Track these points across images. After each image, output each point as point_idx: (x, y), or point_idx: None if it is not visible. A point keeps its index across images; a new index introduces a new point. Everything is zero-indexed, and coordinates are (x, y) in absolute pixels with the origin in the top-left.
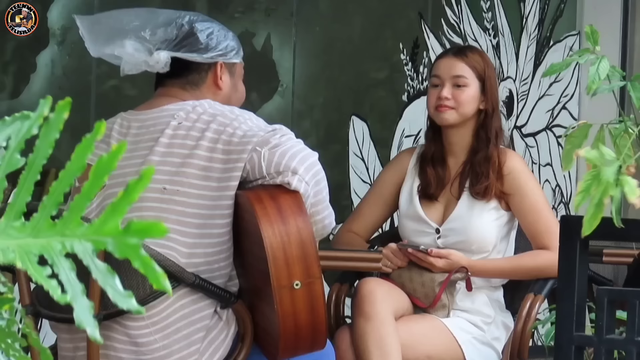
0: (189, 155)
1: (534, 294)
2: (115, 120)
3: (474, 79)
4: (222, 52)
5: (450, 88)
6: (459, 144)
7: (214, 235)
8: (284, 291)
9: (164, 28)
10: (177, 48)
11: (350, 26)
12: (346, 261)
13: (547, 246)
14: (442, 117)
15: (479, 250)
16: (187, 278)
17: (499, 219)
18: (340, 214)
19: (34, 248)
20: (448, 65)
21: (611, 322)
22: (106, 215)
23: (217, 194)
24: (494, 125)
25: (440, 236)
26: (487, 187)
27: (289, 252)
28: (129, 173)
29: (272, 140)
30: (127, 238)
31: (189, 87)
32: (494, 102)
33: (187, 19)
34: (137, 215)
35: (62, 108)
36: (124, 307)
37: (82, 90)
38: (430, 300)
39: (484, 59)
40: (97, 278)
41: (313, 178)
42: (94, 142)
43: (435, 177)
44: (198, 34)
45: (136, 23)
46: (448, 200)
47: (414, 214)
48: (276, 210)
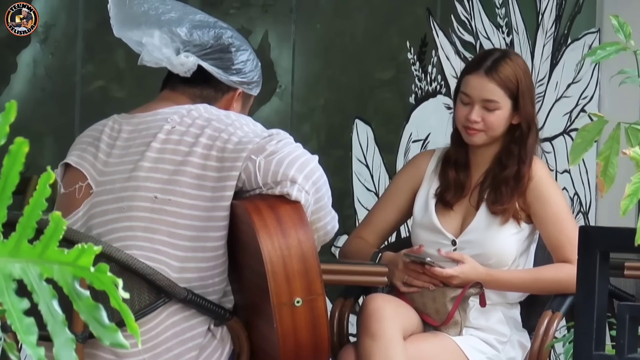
0: (182, 162)
1: (552, 311)
2: (106, 123)
3: (506, 99)
4: (247, 80)
5: (480, 110)
6: (485, 154)
7: (207, 248)
8: (284, 309)
9: (201, 32)
10: (207, 58)
11: (354, 23)
12: (350, 275)
13: (570, 259)
14: (470, 139)
15: (497, 264)
16: (178, 293)
17: (519, 233)
18: (343, 224)
19: (14, 270)
20: (479, 87)
21: (633, 341)
22: None
23: (211, 205)
24: (530, 143)
25: (456, 248)
26: (505, 210)
27: (290, 267)
28: (118, 180)
29: (268, 147)
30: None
31: (199, 101)
32: (530, 117)
33: (228, 34)
34: (126, 225)
35: (20, 145)
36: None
37: (66, 92)
38: (441, 317)
39: (517, 71)
40: (79, 310)
41: (313, 185)
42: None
43: (456, 182)
44: (233, 54)
45: (173, 15)
46: (466, 211)
47: (428, 224)
48: (275, 222)
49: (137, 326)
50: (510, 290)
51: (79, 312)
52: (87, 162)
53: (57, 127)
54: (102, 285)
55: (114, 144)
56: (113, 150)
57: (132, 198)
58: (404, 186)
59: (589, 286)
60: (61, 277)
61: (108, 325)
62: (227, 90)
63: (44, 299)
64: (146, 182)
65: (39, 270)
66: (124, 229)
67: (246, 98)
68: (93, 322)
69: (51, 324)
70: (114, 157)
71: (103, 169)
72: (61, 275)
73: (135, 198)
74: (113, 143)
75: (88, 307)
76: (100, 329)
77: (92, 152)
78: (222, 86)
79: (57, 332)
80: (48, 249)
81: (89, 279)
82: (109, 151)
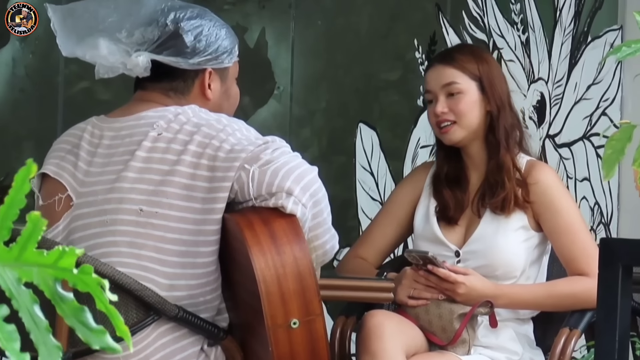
0: (169, 172)
1: (569, 328)
2: (85, 128)
3: (469, 82)
4: (211, 56)
5: (444, 100)
6: (478, 155)
7: (198, 264)
8: (280, 331)
9: (143, 28)
10: (159, 50)
11: (357, 19)
12: (352, 291)
13: (585, 272)
14: (447, 138)
15: (504, 275)
16: (168, 310)
17: (528, 240)
18: (346, 237)
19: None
20: (435, 75)
21: None
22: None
23: (201, 218)
24: (502, 125)
25: (460, 260)
26: (504, 199)
27: (285, 286)
28: (100, 191)
29: (262, 156)
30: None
31: (172, 94)
32: (497, 99)
33: (173, 16)
34: (110, 240)
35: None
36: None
37: (48, 94)
38: (448, 335)
39: (476, 55)
40: (63, 314)
41: (311, 199)
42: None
43: (454, 199)
44: (184, 35)
45: (112, 19)
46: (469, 220)
47: (430, 235)
48: (269, 237)
49: (126, 328)
50: (522, 307)
51: (63, 316)
52: (66, 171)
53: (37, 132)
54: (87, 287)
55: (95, 151)
56: (94, 159)
57: (115, 211)
58: (403, 199)
59: (611, 302)
60: (41, 280)
61: (96, 328)
62: (197, 75)
63: (24, 305)
64: (131, 193)
65: (17, 274)
66: (107, 244)
67: (222, 72)
68: (79, 325)
69: (34, 332)
70: (95, 166)
71: (84, 179)
72: (41, 278)
73: (119, 211)
74: (94, 150)
75: (73, 310)
76: (88, 333)
77: (72, 161)
78: (189, 73)
79: (41, 340)
80: (26, 251)
81: (72, 281)
82: (90, 159)
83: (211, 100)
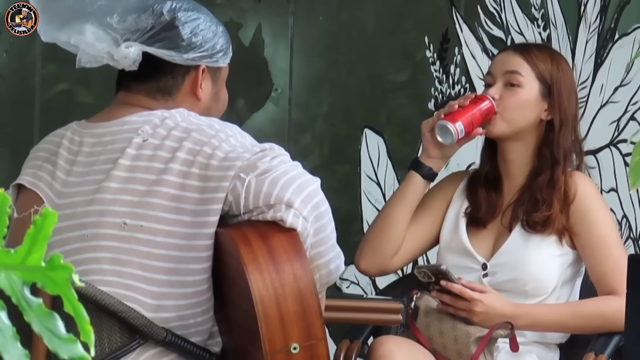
0: (155, 181)
1: (594, 353)
2: (64, 134)
3: (533, 79)
4: (207, 53)
5: (501, 87)
6: (516, 162)
7: (188, 283)
8: (279, 356)
9: (137, 14)
10: (152, 42)
11: (363, 15)
12: (357, 312)
13: (616, 289)
14: (488, 129)
15: (534, 292)
16: (156, 334)
17: (562, 256)
18: (350, 253)
19: None
20: (502, 60)
21: None
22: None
23: (191, 232)
24: (563, 144)
25: (487, 273)
26: (548, 218)
27: (284, 308)
28: (79, 203)
29: (259, 164)
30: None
31: (159, 96)
32: (562, 112)
33: (169, 6)
34: (91, 256)
35: None
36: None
37: (23, 96)
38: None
39: (554, 58)
40: (30, 320)
41: (313, 212)
42: None
43: (487, 201)
44: (180, 28)
45: (102, 3)
46: (498, 232)
47: (458, 245)
48: (267, 254)
49: (91, 329)
50: (544, 329)
51: (31, 323)
52: (43, 182)
53: (12, 138)
54: (57, 287)
55: (75, 159)
56: (73, 168)
57: (96, 225)
58: (433, 205)
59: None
60: (8, 285)
61: (65, 337)
62: (188, 72)
63: None
64: (113, 205)
65: None
66: (88, 261)
67: (215, 72)
68: (47, 333)
69: (0, 339)
70: (74, 175)
71: (62, 189)
72: (8, 281)
73: (101, 225)
74: (73, 159)
75: (40, 315)
76: (56, 341)
77: (49, 170)
78: (179, 69)
79: (7, 348)
80: None
81: (41, 282)
82: (69, 168)
83: (201, 101)
